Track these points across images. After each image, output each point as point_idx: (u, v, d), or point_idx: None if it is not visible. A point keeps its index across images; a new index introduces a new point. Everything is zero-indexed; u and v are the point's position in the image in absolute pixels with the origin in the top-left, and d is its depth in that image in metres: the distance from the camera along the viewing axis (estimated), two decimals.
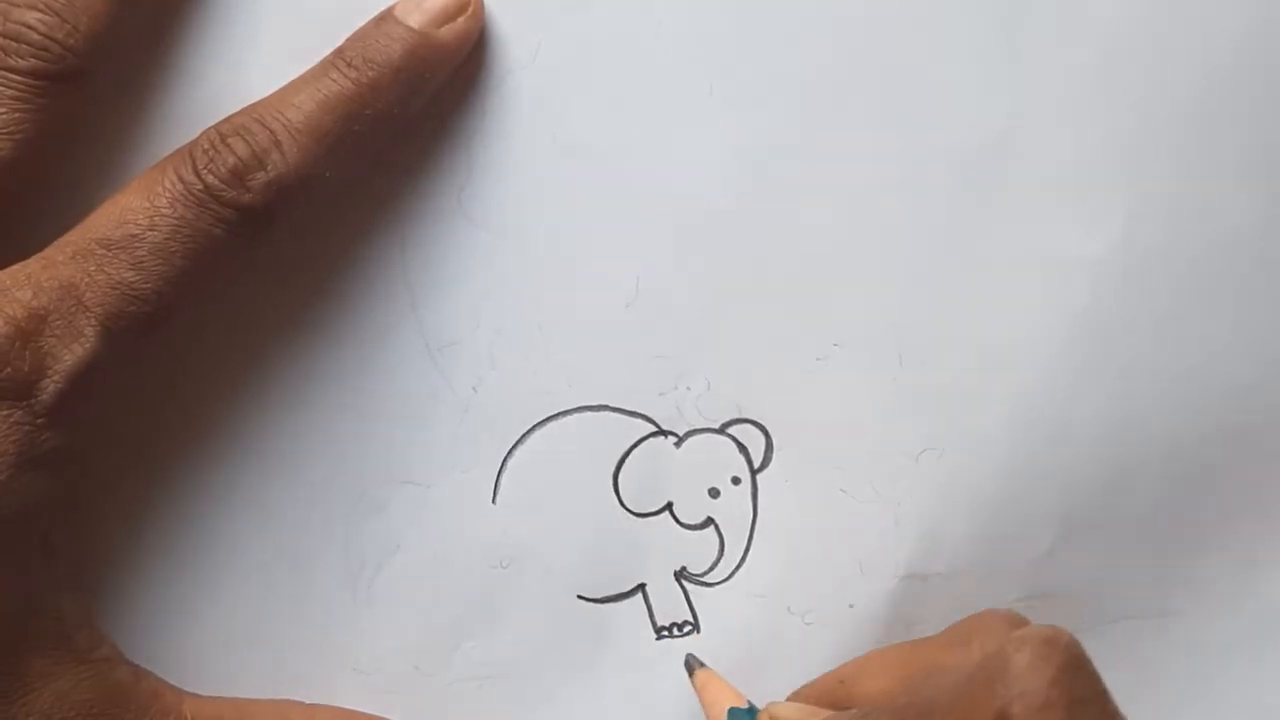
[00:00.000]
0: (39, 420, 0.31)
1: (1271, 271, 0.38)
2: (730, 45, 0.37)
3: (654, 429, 0.38)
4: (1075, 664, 0.30)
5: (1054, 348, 0.38)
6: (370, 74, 0.34)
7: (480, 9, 0.36)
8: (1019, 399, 0.38)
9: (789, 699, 0.37)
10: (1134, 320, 0.38)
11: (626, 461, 0.38)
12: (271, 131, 0.33)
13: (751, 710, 0.36)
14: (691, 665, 0.38)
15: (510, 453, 0.38)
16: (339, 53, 0.34)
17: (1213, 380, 0.38)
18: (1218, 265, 0.38)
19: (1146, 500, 0.38)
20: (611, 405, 0.38)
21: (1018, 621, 0.33)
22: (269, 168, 0.33)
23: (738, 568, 0.38)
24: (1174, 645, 0.39)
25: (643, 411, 0.38)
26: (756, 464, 0.38)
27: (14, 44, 0.32)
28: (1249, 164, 0.38)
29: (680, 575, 0.38)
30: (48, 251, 0.32)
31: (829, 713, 0.34)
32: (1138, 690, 0.38)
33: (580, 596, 0.38)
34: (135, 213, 0.32)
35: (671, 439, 0.38)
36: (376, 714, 0.37)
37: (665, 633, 0.38)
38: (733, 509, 0.38)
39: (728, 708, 0.36)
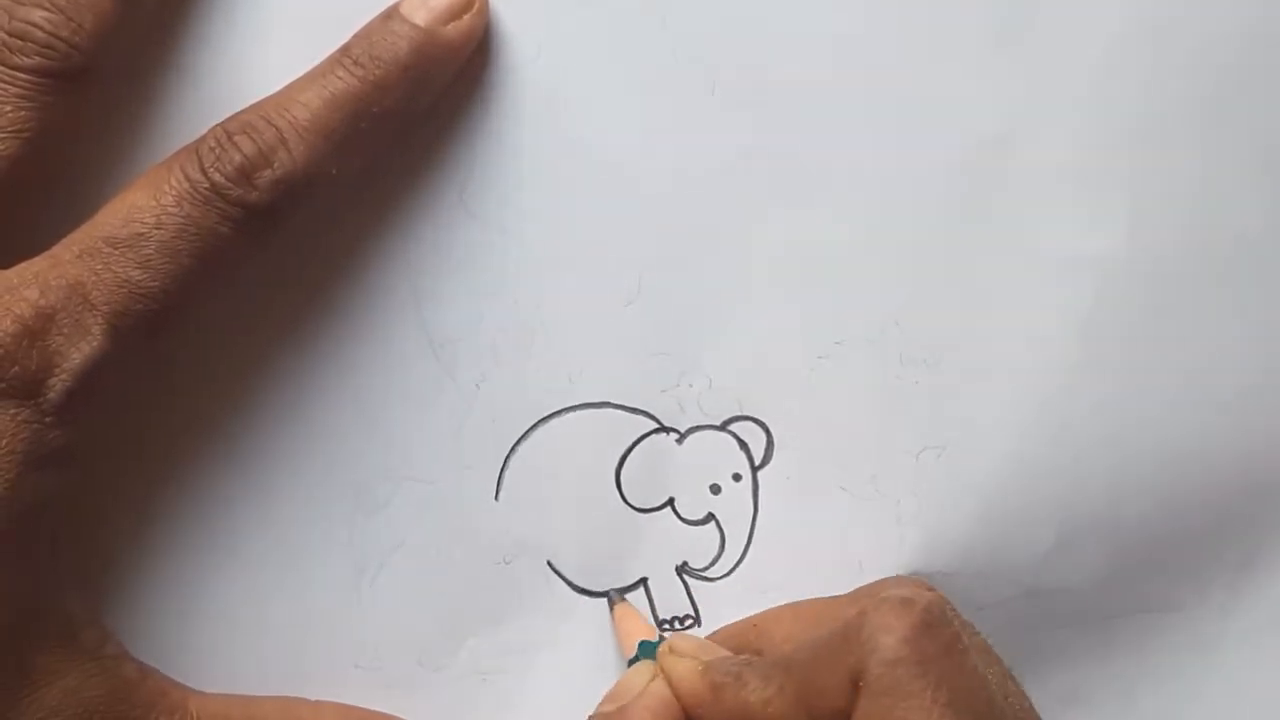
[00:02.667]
0: (47, 419, 0.31)
1: (1275, 270, 0.38)
2: (732, 44, 0.37)
3: (656, 426, 0.38)
4: (930, 622, 0.30)
5: (1056, 346, 0.38)
6: (376, 72, 0.34)
7: (485, 6, 0.36)
8: (1020, 397, 0.38)
9: (709, 636, 0.38)
10: (1136, 318, 0.38)
11: (629, 458, 0.38)
12: (278, 129, 0.33)
13: (660, 643, 0.36)
14: (613, 600, 0.38)
15: (513, 449, 0.38)
16: (345, 50, 0.34)
17: (1215, 378, 0.38)
18: (1221, 264, 0.38)
19: (1148, 498, 0.38)
20: (614, 402, 0.38)
21: (903, 585, 0.34)
22: (275, 166, 0.33)
23: (738, 563, 0.39)
24: (1176, 641, 0.39)
25: (645, 408, 0.38)
26: (757, 461, 0.38)
27: (19, 42, 0.32)
28: (1253, 163, 0.38)
29: (682, 570, 0.39)
30: (54, 250, 0.32)
31: (725, 652, 0.35)
32: (1139, 685, 0.39)
33: (583, 591, 0.38)
34: (142, 211, 0.32)
35: (673, 435, 0.38)
36: (381, 710, 0.37)
37: (667, 626, 0.39)
38: (734, 505, 0.38)
39: (639, 641, 0.37)
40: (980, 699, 0.30)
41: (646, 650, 0.36)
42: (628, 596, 0.38)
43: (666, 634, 0.37)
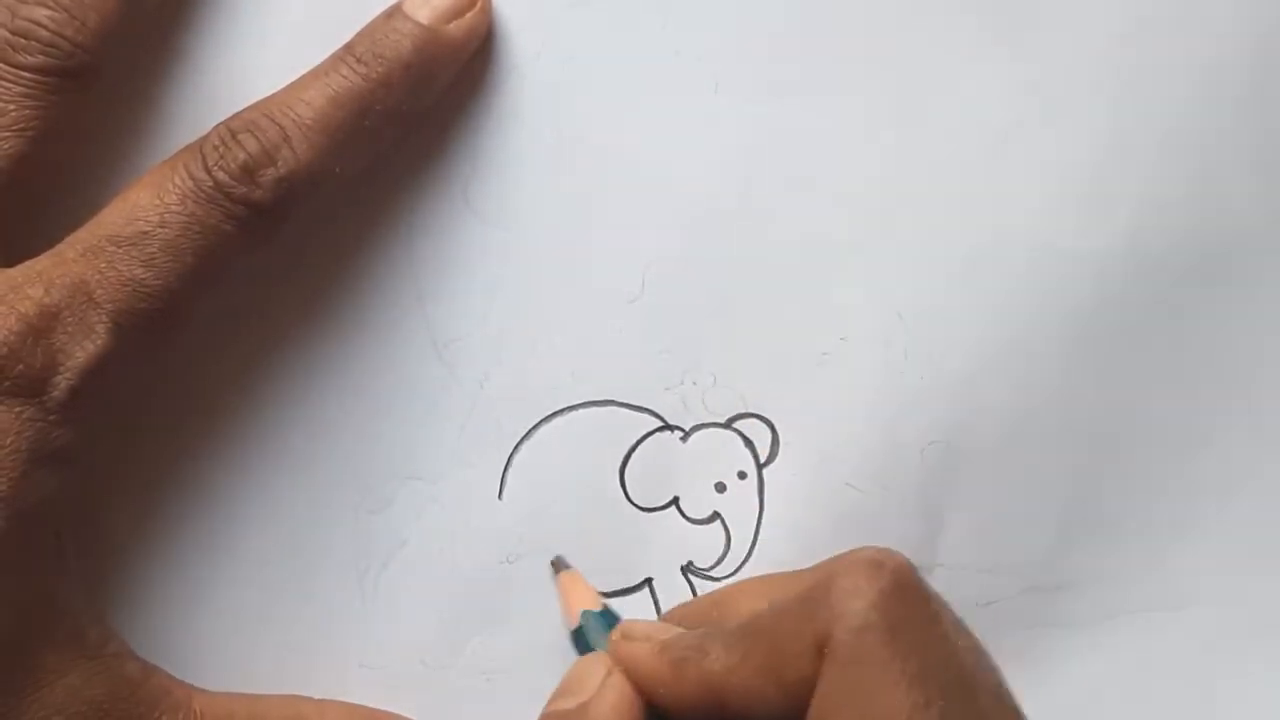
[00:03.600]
0: (51, 417, 0.31)
1: (1275, 267, 0.38)
2: (735, 42, 0.37)
3: (660, 424, 0.38)
4: (900, 587, 0.29)
5: (1059, 342, 0.38)
6: (380, 69, 0.34)
7: (488, 4, 0.36)
8: (1023, 393, 0.38)
9: (664, 617, 0.37)
10: (1138, 315, 0.38)
11: (633, 456, 0.38)
12: (281, 127, 0.33)
13: (605, 613, 0.36)
14: (558, 565, 0.37)
15: (517, 448, 0.38)
16: (348, 48, 0.34)
17: (1217, 375, 0.38)
18: (1221, 261, 0.38)
19: (1151, 496, 0.38)
20: (618, 400, 0.38)
21: (869, 551, 0.31)
22: (279, 164, 0.33)
23: (744, 562, 0.39)
24: (1179, 640, 0.39)
25: (649, 406, 0.38)
26: (763, 458, 0.38)
27: (23, 40, 0.32)
28: (1254, 160, 0.38)
29: (687, 570, 0.39)
30: (59, 248, 0.32)
31: (677, 630, 0.34)
32: (1142, 684, 0.39)
33: None
34: (146, 209, 0.32)
35: (678, 434, 0.38)
36: (384, 709, 0.37)
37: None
38: (739, 503, 0.38)
39: (583, 611, 0.36)
40: (951, 669, 0.29)
41: (589, 621, 0.36)
42: (631, 597, 0.38)
43: (610, 602, 0.37)
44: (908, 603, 0.29)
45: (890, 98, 0.38)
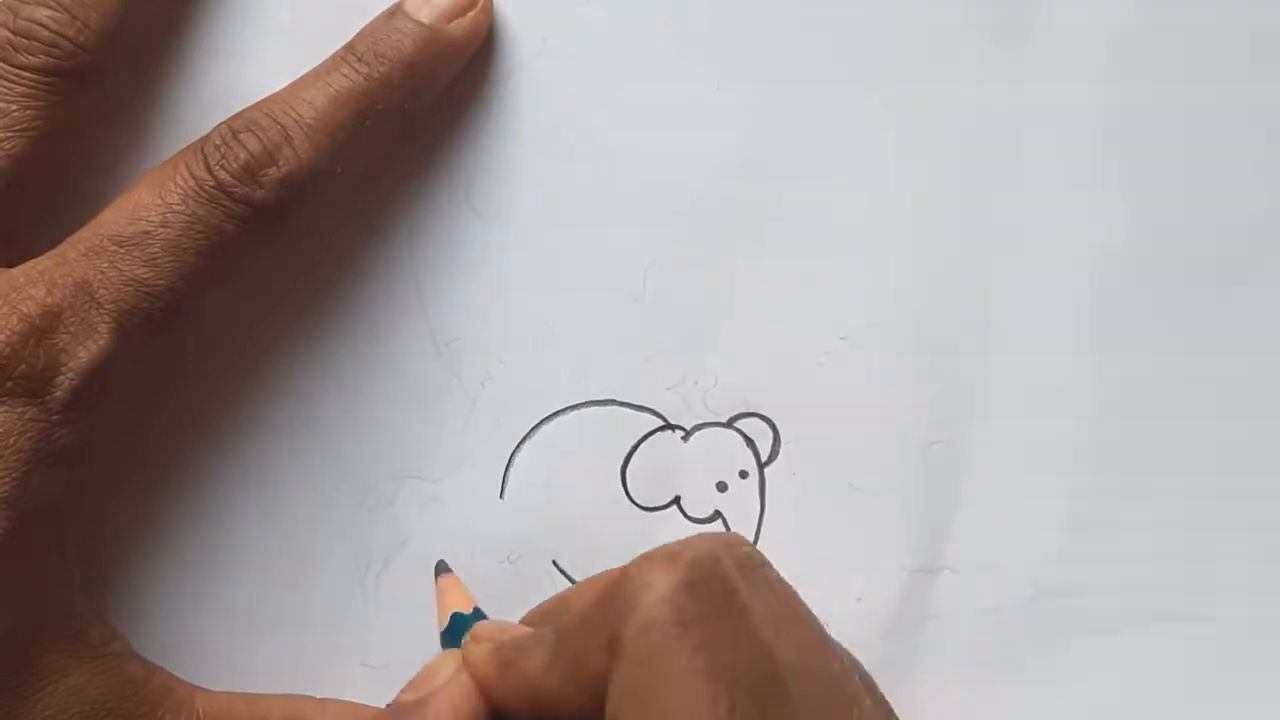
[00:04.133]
0: (53, 417, 0.31)
1: (1277, 264, 0.38)
2: (736, 41, 0.37)
3: (661, 423, 0.38)
4: (698, 579, 0.28)
5: (1062, 341, 0.38)
6: (381, 69, 0.34)
7: (489, 3, 0.36)
8: (1028, 392, 0.38)
9: (523, 618, 0.36)
10: (1141, 314, 0.38)
11: (634, 456, 0.38)
12: (283, 127, 0.33)
13: (476, 614, 0.36)
14: (439, 569, 0.37)
15: (518, 447, 0.38)
16: (350, 48, 0.34)
17: (1223, 375, 0.38)
18: (1224, 259, 0.38)
19: (1159, 498, 0.38)
20: (619, 400, 0.38)
21: (732, 542, 0.30)
22: (281, 163, 0.33)
23: None
24: (1187, 646, 0.38)
25: (650, 406, 0.38)
26: (764, 458, 0.38)
27: (25, 41, 0.33)
28: (1257, 154, 0.38)
29: None
30: (60, 248, 0.32)
31: (523, 629, 0.33)
32: (1150, 690, 0.38)
33: None
34: (147, 209, 0.32)
35: (679, 433, 0.38)
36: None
37: None
38: (740, 503, 0.38)
39: (451, 613, 0.36)
40: (749, 663, 0.27)
41: (457, 623, 0.35)
42: None
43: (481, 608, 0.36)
44: (705, 595, 0.28)
45: (891, 97, 0.38)
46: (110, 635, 0.34)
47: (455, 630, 0.36)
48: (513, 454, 0.38)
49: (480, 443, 0.38)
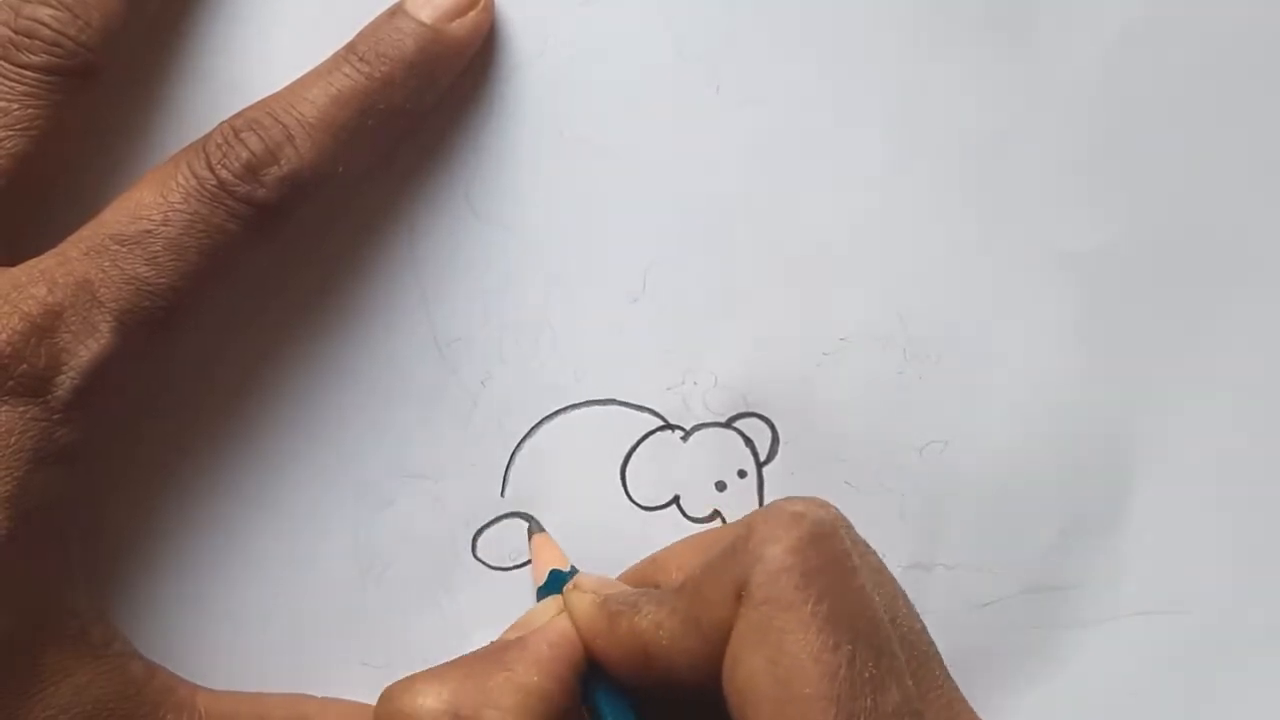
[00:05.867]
0: (55, 416, 0.31)
1: (1274, 266, 0.39)
2: (736, 42, 0.37)
3: (661, 423, 0.38)
4: (818, 535, 0.30)
5: (1058, 341, 0.38)
6: (383, 68, 0.34)
7: (490, 3, 0.36)
8: (1023, 392, 0.38)
9: (619, 576, 0.37)
10: (1138, 314, 0.38)
11: (634, 455, 0.38)
12: (284, 126, 0.33)
13: (572, 573, 0.36)
14: (532, 530, 0.38)
15: (518, 447, 0.38)
16: (351, 47, 0.34)
17: (1217, 374, 0.39)
18: (1221, 260, 0.38)
19: (1152, 495, 0.38)
20: (619, 399, 0.38)
21: (795, 502, 0.33)
22: (282, 163, 0.33)
23: None
24: (1180, 642, 0.39)
25: (650, 406, 0.38)
26: (763, 457, 0.38)
27: (26, 40, 0.32)
28: (1252, 160, 0.38)
29: None
30: (62, 247, 0.32)
31: (623, 586, 0.35)
32: (1142, 685, 0.39)
33: None
34: (149, 208, 0.32)
35: (678, 433, 0.38)
36: None
37: None
38: (739, 502, 0.38)
39: (550, 570, 0.36)
40: (864, 616, 0.29)
41: (555, 579, 0.36)
42: None
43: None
44: (824, 551, 0.30)
45: (891, 98, 0.38)
46: (112, 635, 0.34)
47: (553, 586, 0.36)
48: (513, 453, 0.38)
49: (481, 442, 0.38)
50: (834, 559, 0.30)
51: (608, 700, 0.33)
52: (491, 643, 0.34)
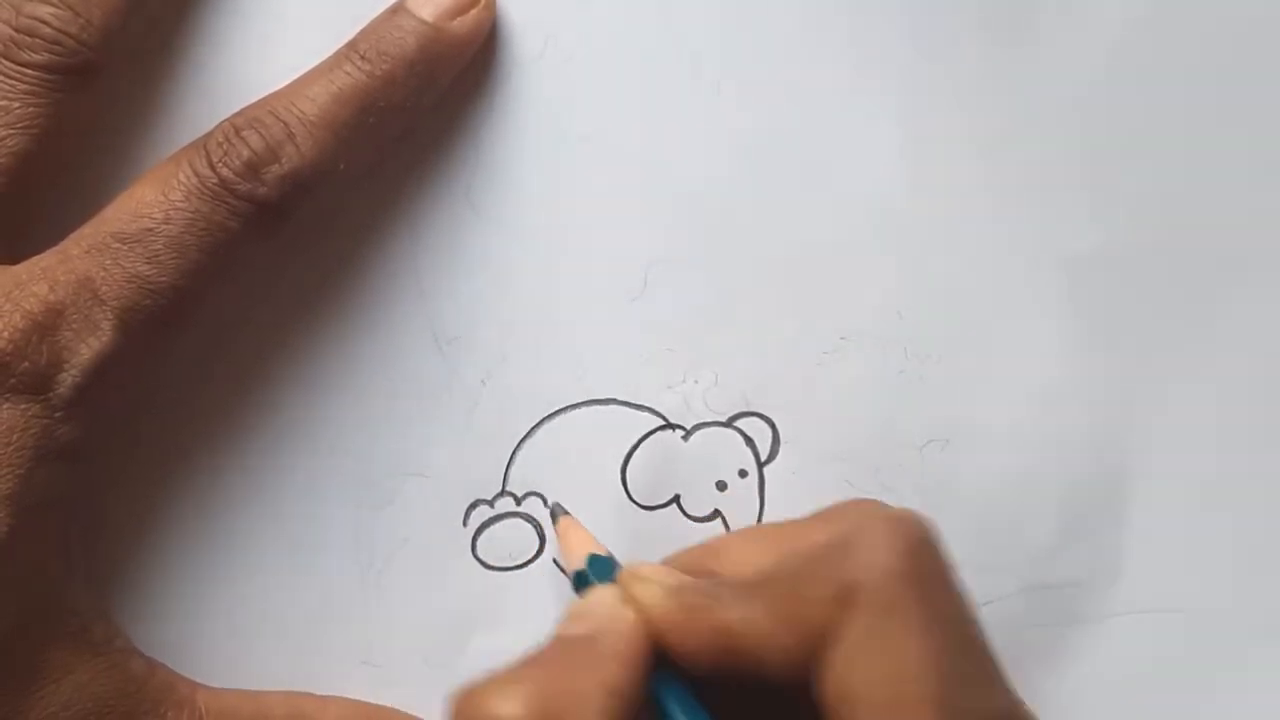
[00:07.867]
0: (56, 414, 0.31)
1: (1275, 267, 0.39)
2: (737, 41, 0.37)
3: (662, 422, 0.38)
4: (923, 541, 0.30)
5: (1058, 341, 0.38)
6: (384, 67, 0.34)
7: (492, 1, 0.36)
8: (1023, 392, 0.38)
9: (665, 561, 0.36)
10: (1138, 314, 0.38)
11: (634, 455, 0.38)
12: (285, 124, 0.33)
13: (610, 560, 0.35)
14: (556, 512, 0.37)
15: (519, 446, 0.38)
16: (352, 45, 0.34)
17: (1218, 373, 0.39)
18: (1221, 260, 0.38)
19: (1151, 495, 0.38)
20: (619, 399, 0.38)
21: (885, 507, 0.33)
22: (283, 161, 0.33)
23: None
24: (1179, 641, 0.39)
25: (650, 405, 0.38)
26: (763, 457, 0.38)
27: (27, 38, 0.33)
28: (1253, 159, 0.38)
29: None
30: (63, 245, 0.32)
31: (684, 576, 0.34)
32: (1141, 684, 0.39)
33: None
34: (150, 206, 0.32)
35: (679, 432, 0.38)
36: (388, 706, 0.37)
37: None
38: (740, 501, 0.38)
39: (588, 554, 0.35)
40: (964, 621, 0.30)
41: (597, 565, 0.35)
42: None
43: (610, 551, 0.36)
44: (930, 557, 0.30)
45: (891, 98, 0.38)
46: (113, 632, 0.34)
47: (599, 573, 0.35)
48: (513, 453, 0.38)
49: (481, 441, 0.38)
50: (938, 565, 0.30)
51: (676, 694, 0.32)
52: (558, 637, 0.33)
